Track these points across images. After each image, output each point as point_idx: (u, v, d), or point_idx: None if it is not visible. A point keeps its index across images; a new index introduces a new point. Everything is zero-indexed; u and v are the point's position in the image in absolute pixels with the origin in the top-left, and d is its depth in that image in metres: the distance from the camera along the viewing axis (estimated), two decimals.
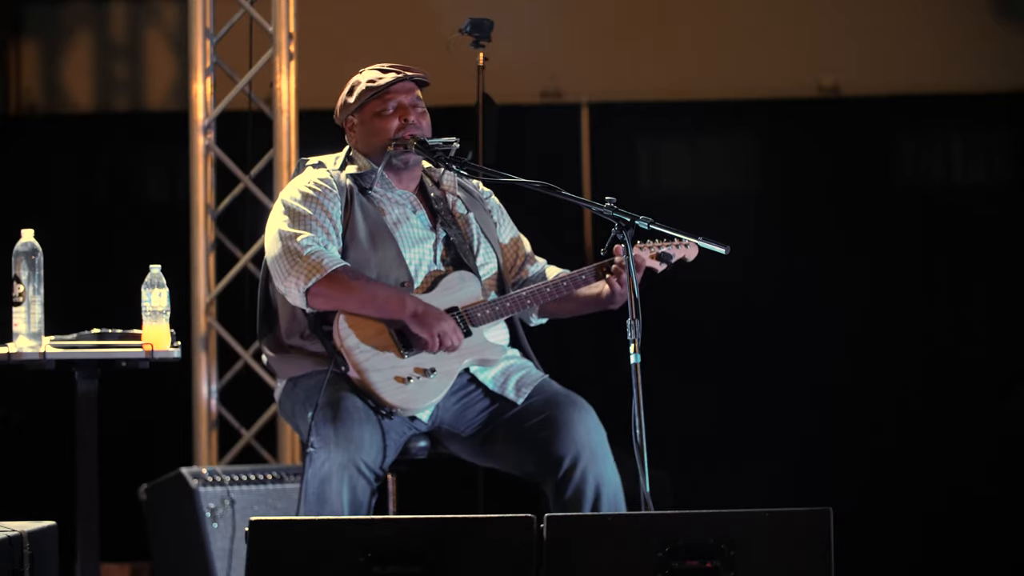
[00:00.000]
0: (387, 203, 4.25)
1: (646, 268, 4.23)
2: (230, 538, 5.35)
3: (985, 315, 6.88)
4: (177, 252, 6.06)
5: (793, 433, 6.77)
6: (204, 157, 6.04)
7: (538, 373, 4.27)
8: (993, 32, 6.95)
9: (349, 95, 4.28)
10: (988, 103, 6.95)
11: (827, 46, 6.98)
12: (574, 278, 4.25)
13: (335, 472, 3.95)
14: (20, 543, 3.66)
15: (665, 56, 6.98)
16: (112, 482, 4.51)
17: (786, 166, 7.02)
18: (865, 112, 6.97)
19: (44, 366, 3.84)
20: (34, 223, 3.89)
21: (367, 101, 4.24)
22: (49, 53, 7.17)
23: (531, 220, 4.53)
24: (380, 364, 4.08)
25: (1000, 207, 6.93)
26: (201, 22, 6.03)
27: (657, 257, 4.23)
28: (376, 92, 4.22)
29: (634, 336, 3.90)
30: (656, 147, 7.12)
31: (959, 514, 6.76)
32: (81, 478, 3.93)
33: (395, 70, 4.26)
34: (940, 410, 6.82)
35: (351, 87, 4.29)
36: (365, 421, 4.00)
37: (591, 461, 4.08)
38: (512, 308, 4.22)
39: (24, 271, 3.83)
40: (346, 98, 4.28)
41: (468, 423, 4.22)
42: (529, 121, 6.75)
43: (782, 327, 6.83)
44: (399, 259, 4.18)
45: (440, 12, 6.39)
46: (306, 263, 4.06)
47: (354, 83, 4.29)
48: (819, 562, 3.46)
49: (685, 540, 3.47)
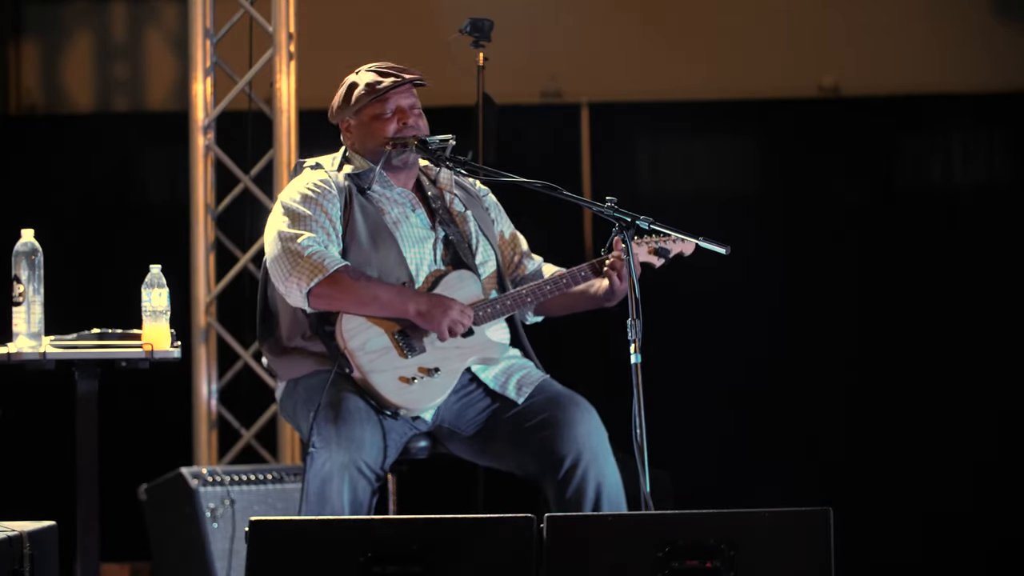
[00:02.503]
0: (386, 202, 4.25)
1: (645, 263, 4.23)
2: (230, 538, 5.35)
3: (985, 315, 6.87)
4: (177, 252, 6.06)
5: (793, 433, 6.77)
6: (204, 157, 6.04)
7: (539, 373, 4.27)
8: (993, 32, 6.95)
9: (347, 97, 4.26)
10: (988, 103, 6.95)
11: (827, 46, 6.98)
12: (573, 275, 4.25)
13: (336, 472, 3.95)
14: (20, 543, 3.66)
15: (665, 56, 6.98)
16: (112, 482, 4.51)
17: (786, 166, 7.02)
18: (865, 112, 6.97)
19: (44, 366, 3.84)
20: (34, 223, 3.89)
21: (366, 105, 4.23)
22: (49, 53, 7.17)
23: (531, 220, 4.53)
24: (384, 365, 4.09)
25: (1000, 207, 6.93)
26: (201, 22, 6.03)
27: (655, 252, 4.24)
28: (375, 96, 4.22)
29: (634, 336, 3.90)
30: (656, 147, 7.12)
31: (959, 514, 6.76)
32: (81, 478, 3.93)
33: (393, 73, 4.24)
34: (940, 410, 6.82)
35: (347, 89, 4.27)
36: (366, 421, 4.00)
37: (592, 461, 4.08)
38: (513, 306, 4.22)
39: (24, 271, 3.83)
40: (343, 100, 4.27)
41: (469, 423, 4.22)
42: (529, 121, 6.74)
43: (782, 327, 6.83)
44: (400, 259, 4.18)
45: (440, 12, 6.39)
46: (307, 264, 4.06)
47: (351, 85, 4.27)
48: (819, 562, 3.46)
49: (685, 540, 3.47)
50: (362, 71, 4.29)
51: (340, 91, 4.30)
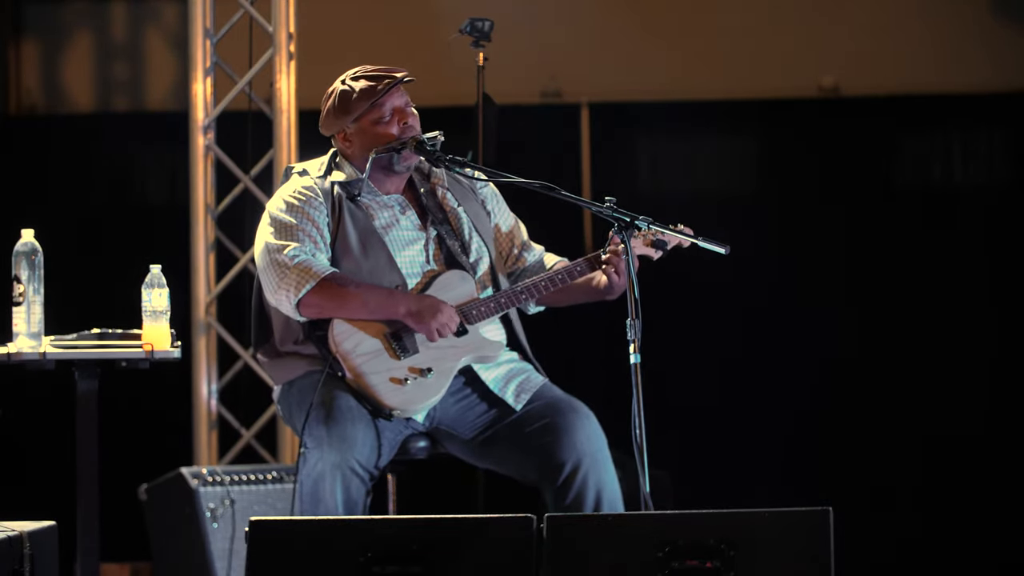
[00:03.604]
0: (375, 207, 4.23)
1: (642, 256, 4.21)
2: (230, 538, 5.35)
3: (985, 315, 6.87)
4: (177, 252, 6.05)
5: (793, 433, 6.77)
6: (204, 157, 6.04)
7: (539, 378, 4.26)
8: (993, 32, 6.95)
9: (341, 107, 4.19)
10: (988, 103, 6.95)
11: (827, 46, 6.98)
12: (570, 271, 4.23)
13: (328, 472, 3.95)
14: (20, 543, 3.66)
15: (665, 56, 6.98)
16: (112, 482, 4.51)
17: (786, 166, 7.02)
18: (865, 112, 6.97)
19: (44, 366, 3.84)
20: (34, 223, 3.89)
21: (364, 112, 4.20)
22: (49, 53, 7.17)
23: (531, 220, 4.53)
24: (376, 367, 4.08)
25: (1000, 207, 6.93)
26: (201, 22, 6.03)
27: (652, 244, 4.21)
28: (374, 101, 4.18)
29: (634, 336, 3.90)
30: (656, 147, 7.12)
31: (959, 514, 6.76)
32: (81, 478, 3.93)
33: (383, 75, 4.21)
34: (940, 410, 6.82)
35: (340, 98, 4.20)
36: (358, 420, 4.00)
37: (592, 467, 4.07)
38: (507, 304, 4.20)
39: (24, 271, 3.83)
40: (338, 110, 4.20)
41: (468, 426, 4.21)
42: (529, 121, 6.74)
43: (782, 327, 6.83)
44: (390, 263, 4.17)
45: (440, 12, 6.39)
46: (295, 274, 4.06)
47: (343, 93, 4.20)
48: (819, 562, 3.46)
49: (685, 540, 3.47)
50: (348, 79, 4.23)
51: (329, 102, 4.23)
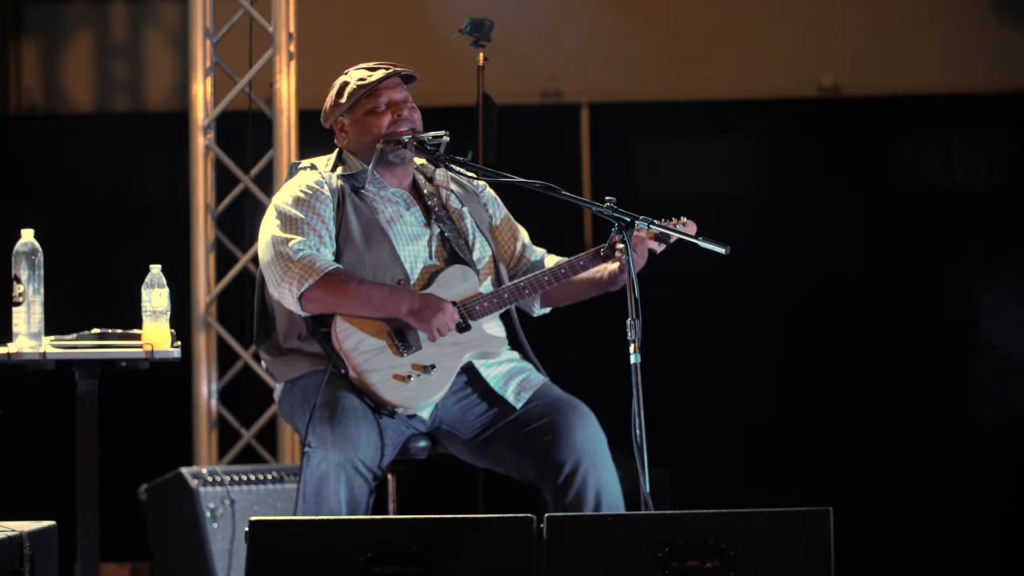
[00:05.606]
0: (380, 202, 4.24)
1: (647, 250, 4.20)
2: (230, 538, 5.35)
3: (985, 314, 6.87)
4: (177, 252, 6.06)
5: (793, 433, 6.77)
6: (204, 157, 6.05)
7: (539, 377, 4.26)
8: (993, 32, 6.95)
9: (339, 96, 4.26)
10: (988, 103, 6.95)
11: (827, 46, 6.98)
12: (572, 265, 4.22)
13: (332, 471, 3.94)
14: (20, 543, 3.66)
15: (665, 56, 6.98)
16: (112, 482, 4.51)
17: (786, 166, 7.02)
18: (865, 112, 6.97)
19: (44, 366, 3.84)
20: (34, 223, 3.89)
21: (358, 100, 4.22)
22: (49, 53, 7.17)
23: (531, 220, 4.53)
24: (379, 364, 4.08)
25: (1000, 207, 6.93)
26: (201, 22, 6.03)
27: (656, 238, 4.20)
28: (367, 90, 4.21)
29: (634, 336, 3.90)
30: (656, 147, 7.12)
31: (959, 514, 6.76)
32: (81, 478, 3.93)
33: (383, 67, 4.25)
34: (940, 411, 6.82)
35: (339, 88, 4.27)
36: (362, 420, 4.00)
37: (591, 467, 4.07)
38: (510, 299, 4.20)
39: (24, 271, 3.83)
40: (335, 99, 4.26)
41: (468, 425, 4.21)
42: (529, 121, 6.74)
43: (781, 327, 6.83)
44: (394, 257, 4.18)
45: (440, 12, 6.39)
46: (298, 268, 4.06)
47: (342, 84, 4.27)
48: (819, 562, 3.46)
49: (685, 540, 3.47)
50: (351, 71, 4.29)
51: (331, 93, 4.29)
